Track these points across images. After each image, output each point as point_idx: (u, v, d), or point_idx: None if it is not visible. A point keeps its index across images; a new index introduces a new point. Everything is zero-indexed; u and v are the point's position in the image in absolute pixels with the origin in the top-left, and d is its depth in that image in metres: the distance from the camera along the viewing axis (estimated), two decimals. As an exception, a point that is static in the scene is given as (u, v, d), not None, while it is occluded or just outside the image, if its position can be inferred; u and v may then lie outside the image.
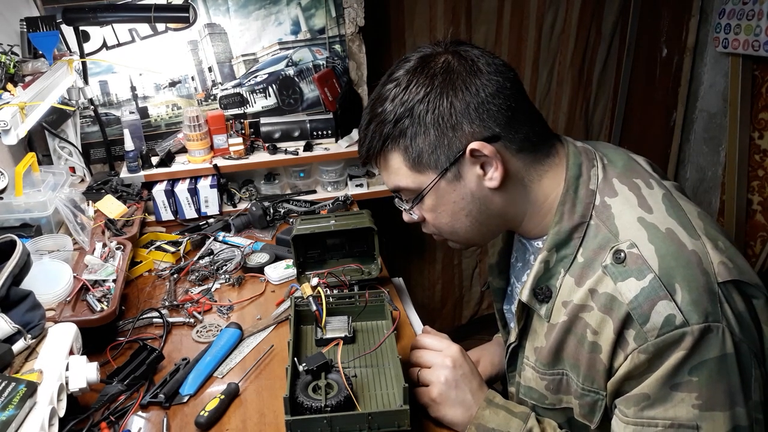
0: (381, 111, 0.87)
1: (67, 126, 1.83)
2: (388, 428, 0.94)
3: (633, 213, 0.83)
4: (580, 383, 0.86)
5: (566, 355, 0.87)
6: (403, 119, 0.85)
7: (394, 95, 0.85)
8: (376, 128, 0.88)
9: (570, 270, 0.85)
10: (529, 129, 0.87)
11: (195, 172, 1.89)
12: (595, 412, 0.86)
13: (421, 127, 0.84)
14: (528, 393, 0.96)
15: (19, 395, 0.87)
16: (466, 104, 0.82)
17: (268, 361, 1.21)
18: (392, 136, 0.86)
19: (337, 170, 1.98)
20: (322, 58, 2.03)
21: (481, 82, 0.83)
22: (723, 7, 2.19)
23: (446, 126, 0.83)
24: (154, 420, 1.07)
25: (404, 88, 0.85)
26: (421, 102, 0.83)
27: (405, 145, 0.86)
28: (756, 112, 2.25)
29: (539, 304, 0.89)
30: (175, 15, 1.76)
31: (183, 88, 1.97)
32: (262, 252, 1.60)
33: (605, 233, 0.83)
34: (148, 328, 1.33)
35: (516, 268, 1.06)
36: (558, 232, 0.86)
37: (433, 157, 0.85)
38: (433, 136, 0.84)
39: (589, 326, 0.82)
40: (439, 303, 2.77)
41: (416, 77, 0.84)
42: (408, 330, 1.29)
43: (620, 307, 0.78)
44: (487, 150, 0.83)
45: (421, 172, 0.87)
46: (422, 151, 0.85)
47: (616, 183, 0.86)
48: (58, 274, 1.24)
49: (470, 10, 2.25)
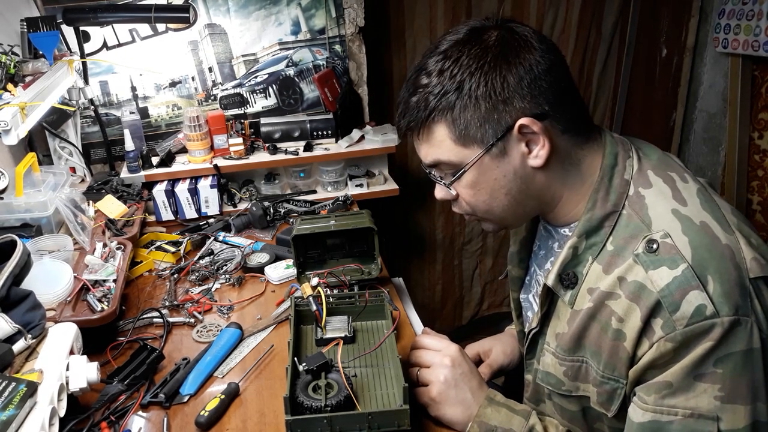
0: (428, 83, 0.84)
1: (67, 126, 1.83)
2: (388, 428, 0.94)
3: (667, 204, 0.83)
4: (601, 370, 0.85)
5: (588, 342, 0.87)
6: (452, 92, 0.82)
7: (442, 67, 0.83)
8: (421, 100, 0.85)
9: (598, 258, 0.85)
10: (575, 110, 0.86)
11: (195, 172, 1.90)
12: (613, 401, 0.86)
13: (471, 100, 0.82)
14: (545, 378, 0.95)
15: (20, 395, 0.87)
16: (519, 79, 0.81)
17: (268, 361, 1.21)
18: (439, 108, 0.83)
19: (337, 170, 1.98)
20: (322, 58, 2.03)
21: (534, 58, 0.81)
22: (723, 7, 2.19)
23: (497, 100, 0.81)
24: (155, 420, 1.07)
25: (454, 61, 0.82)
26: (473, 75, 0.81)
27: (453, 117, 0.83)
28: (756, 112, 2.25)
29: (564, 290, 0.88)
30: (176, 15, 1.76)
31: (183, 89, 1.97)
32: (263, 252, 1.60)
33: (637, 222, 0.83)
34: (148, 328, 1.33)
35: (538, 256, 1.05)
36: (590, 219, 0.86)
37: (481, 131, 0.83)
38: (483, 109, 0.82)
39: (615, 314, 0.82)
40: (440, 303, 2.77)
41: (467, 49, 0.82)
42: (408, 330, 1.29)
43: (650, 295, 0.78)
44: (536, 127, 0.82)
45: (465, 146, 0.85)
46: (469, 124, 0.83)
47: (650, 175, 0.86)
48: (58, 274, 1.24)
49: (470, 10, 2.26)
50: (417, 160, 2.44)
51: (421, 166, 0.95)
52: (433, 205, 2.56)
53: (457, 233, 2.64)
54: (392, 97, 2.34)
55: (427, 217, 2.58)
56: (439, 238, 2.63)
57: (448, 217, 2.60)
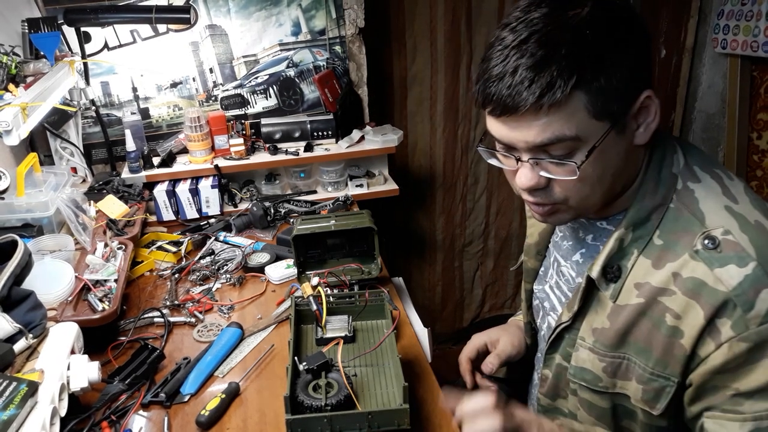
0: (568, 40, 0.72)
1: (68, 126, 1.84)
2: (388, 427, 0.94)
3: (718, 201, 0.81)
4: (650, 368, 0.83)
5: (634, 339, 0.84)
6: (605, 53, 0.73)
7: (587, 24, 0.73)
8: (564, 60, 0.72)
9: (645, 251, 0.83)
10: None
11: (196, 173, 1.90)
12: (660, 398, 0.84)
13: (615, 68, 0.73)
14: (579, 374, 0.92)
15: (21, 395, 0.87)
16: (647, 49, 0.77)
17: (268, 361, 1.22)
18: (589, 72, 0.72)
19: (337, 171, 1.99)
20: (323, 59, 2.04)
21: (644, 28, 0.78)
22: (722, 7, 2.19)
23: (637, 69, 0.76)
24: (155, 419, 1.07)
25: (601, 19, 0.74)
26: (621, 37, 0.74)
27: (598, 86, 0.73)
28: (754, 112, 2.25)
29: (607, 283, 0.86)
30: (176, 16, 1.77)
31: (184, 89, 1.97)
32: (263, 252, 1.60)
33: (689, 217, 0.81)
34: (149, 327, 1.34)
35: (563, 247, 1.01)
36: (639, 210, 0.83)
37: (614, 104, 0.75)
38: (622, 79, 0.74)
39: (670, 310, 0.80)
40: (440, 305, 2.77)
41: (608, 13, 0.75)
42: (408, 329, 1.29)
43: (715, 293, 0.76)
44: (656, 99, 0.78)
45: (599, 120, 0.76)
46: (611, 93, 0.74)
47: (697, 170, 0.84)
48: (59, 273, 1.24)
49: (470, 10, 2.26)
50: (417, 160, 2.45)
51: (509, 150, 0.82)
52: (433, 206, 2.56)
53: (458, 234, 2.64)
54: (392, 98, 2.34)
55: (427, 217, 2.59)
56: (440, 239, 2.63)
57: (448, 219, 2.60)
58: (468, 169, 2.53)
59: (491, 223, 2.65)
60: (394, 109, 2.36)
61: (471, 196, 2.59)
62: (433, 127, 2.42)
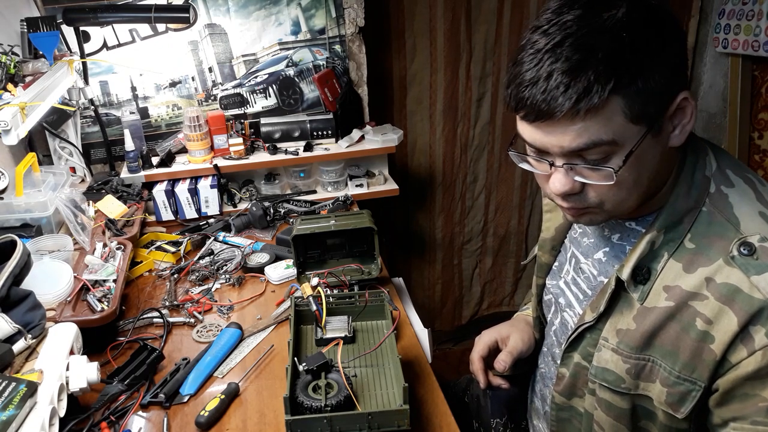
0: (605, 43, 0.71)
1: (67, 126, 1.83)
2: (388, 428, 0.94)
3: (753, 206, 0.80)
4: (676, 371, 0.82)
5: (661, 341, 0.84)
6: (639, 58, 0.71)
7: (626, 26, 0.72)
8: (602, 64, 0.70)
9: (675, 254, 0.82)
10: None
11: (195, 173, 1.90)
12: (685, 402, 0.83)
13: (653, 70, 0.72)
14: (601, 374, 0.91)
15: (20, 395, 0.87)
16: (683, 49, 0.75)
17: (268, 361, 1.21)
18: (628, 76, 0.71)
19: (337, 170, 1.98)
20: (322, 58, 2.03)
21: (680, 30, 0.77)
22: (723, 7, 2.19)
23: (674, 70, 0.74)
24: (155, 420, 1.07)
25: (638, 21, 0.72)
26: (658, 38, 0.73)
27: (636, 89, 0.72)
28: (755, 112, 2.25)
29: (635, 285, 0.85)
30: (176, 15, 1.76)
31: (183, 89, 1.97)
32: (263, 252, 1.60)
33: (722, 221, 0.80)
34: (148, 328, 1.34)
35: (583, 244, 1.00)
36: (672, 213, 0.82)
37: (653, 106, 0.74)
38: (660, 81, 0.73)
39: (701, 315, 0.79)
40: (439, 303, 2.77)
41: (644, 13, 0.73)
42: (408, 330, 1.29)
43: (751, 300, 0.75)
44: (692, 100, 0.76)
45: (636, 123, 0.74)
46: (647, 98, 0.73)
47: (730, 174, 0.83)
48: (58, 274, 1.24)
49: (470, 10, 2.26)
50: (417, 160, 2.45)
51: (541, 155, 0.81)
52: (433, 205, 2.56)
53: (457, 233, 2.64)
54: (392, 97, 2.34)
55: (427, 217, 2.58)
56: (439, 237, 2.63)
57: (447, 217, 2.60)
58: (467, 168, 2.53)
59: (490, 221, 2.65)
60: (393, 109, 2.36)
61: (470, 195, 2.59)
62: (433, 126, 2.42)
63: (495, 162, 2.55)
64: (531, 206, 2.64)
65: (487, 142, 2.50)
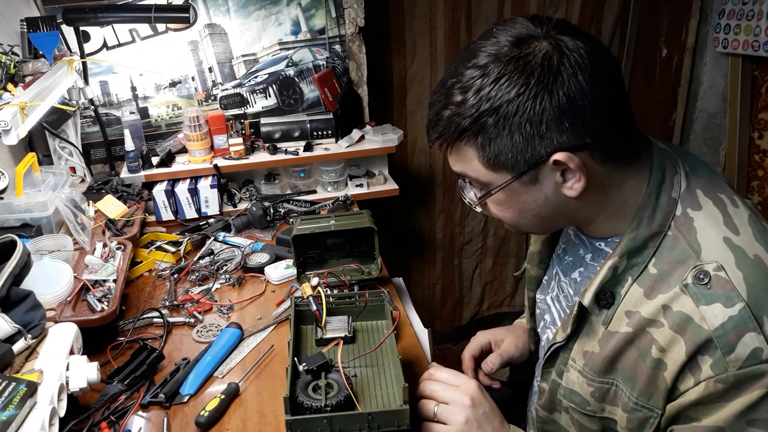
0: (461, 101, 0.77)
1: (67, 126, 1.83)
2: (388, 428, 0.94)
3: (718, 231, 0.78)
4: (634, 397, 0.83)
5: (622, 367, 0.84)
6: (485, 117, 0.76)
7: (479, 86, 0.76)
8: (452, 118, 0.79)
9: (639, 279, 0.81)
10: (620, 138, 0.81)
11: (195, 172, 1.90)
12: (644, 428, 0.83)
13: (505, 129, 0.76)
14: (569, 396, 0.92)
15: (20, 395, 0.87)
16: (560, 112, 0.74)
17: (268, 361, 1.21)
18: (472, 130, 0.78)
19: (337, 170, 1.98)
20: (322, 58, 2.03)
21: (581, 87, 0.74)
22: (723, 7, 2.19)
23: (534, 131, 0.75)
24: (155, 420, 1.07)
25: (493, 81, 0.75)
26: (511, 102, 0.74)
27: (483, 142, 0.78)
28: (756, 112, 2.25)
29: (599, 309, 0.85)
30: (176, 15, 1.76)
31: (183, 89, 1.97)
32: (263, 252, 1.60)
33: (684, 247, 0.79)
34: (148, 328, 1.33)
35: (564, 262, 1.00)
36: (633, 239, 0.81)
37: (512, 160, 0.78)
38: (517, 140, 0.76)
39: (656, 342, 0.79)
40: (439, 303, 2.77)
41: (508, 69, 0.75)
42: (408, 330, 1.29)
43: (699, 330, 0.74)
44: (573, 163, 0.76)
45: (495, 171, 0.80)
46: (501, 152, 0.78)
47: (700, 195, 0.81)
48: (58, 274, 1.24)
49: (470, 10, 2.26)
50: (417, 160, 2.45)
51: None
52: (433, 205, 2.56)
53: (457, 233, 2.64)
54: (392, 97, 2.34)
55: (427, 217, 2.58)
56: (439, 237, 2.63)
57: (447, 217, 2.60)
58: (468, 169, 2.53)
59: (490, 221, 2.65)
60: (393, 109, 2.36)
61: (471, 196, 2.59)
62: (433, 126, 2.42)
63: (495, 162, 2.55)
64: (531, 206, 2.64)
65: (488, 142, 2.50)
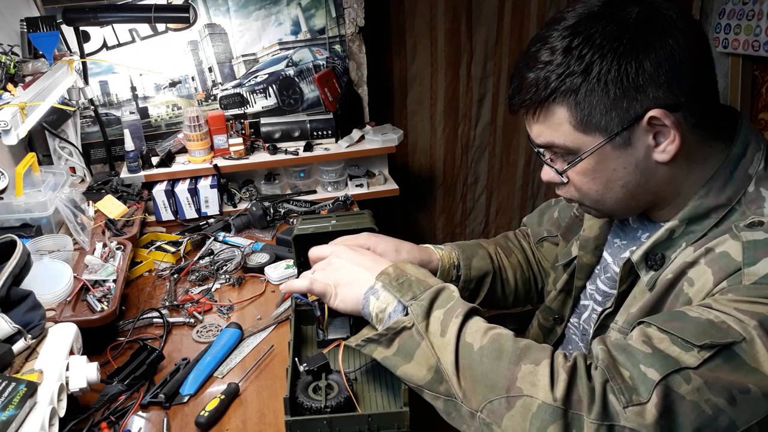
0: (550, 60, 0.76)
1: (67, 126, 1.83)
2: (388, 429, 0.94)
3: None
4: None
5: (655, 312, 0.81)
6: (578, 73, 0.74)
7: (570, 44, 0.75)
8: (542, 77, 0.77)
9: (695, 244, 0.79)
10: (710, 102, 0.79)
11: (195, 173, 1.89)
12: None
13: (600, 84, 0.74)
14: None
15: (20, 395, 0.87)
16: (657, 65, 0.73)
17: (268, 362, 1.21)
18: (562, 90, 0.76)
19: (337, 170, 1.98)
20: (322, 58, 2.03)
21: (677, 42, 0.73)
22: (723, 7, 2.19)
23: (629, 87, 0.74)
24: (155, 420, 1.07)
25: (585, 38, 0.74)
26: (605, 57, 0.73)
27: (577, 101, 0.76)
28: (756, 112, 2.25)
29: (647, 269, 0.83)
30: (176, 15, 1.76)
31: (183, 89, 1.97)
32: (263, 252, 1.60)
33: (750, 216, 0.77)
34: (148, 328, 1.33)
35: (614, 245, 0.98)
36: (698, 207, 0.80)
37: (606, 118, 0.76)
38: (612, 96, 0.74)
39: (689, 279, 0.77)
40: (439, 303, 2.76)
41: (601, 26, 0.74)
42: (408, 330, 1.28)
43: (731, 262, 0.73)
44: (668, 120, 0.75)
45: (586, 133, 0.78)
46: (594, 110, 0.76)
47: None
48: (58, 274, 1.24)
49: (470, 10, 2.26)
50: (417, 160, 2.45)
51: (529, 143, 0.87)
52: (433, 205, 2.56)
53: (458, 234, 2.64)
54: (392, 97, 2.34)
55: (427, 217, 2.58)
56: (440, 238, 2.62)
57: (448, 218, 2.60)
58: (468, 169, 2.53)
59: (491, 222, 2.65)
60: (394, 109, 2.36)
61: (471, 195, 2.59)
62: (433, 126, 2.42)
63: (496, 163, 2.55)
64: (532, 208, 2.64)
65: (488, 143, 2.50)
